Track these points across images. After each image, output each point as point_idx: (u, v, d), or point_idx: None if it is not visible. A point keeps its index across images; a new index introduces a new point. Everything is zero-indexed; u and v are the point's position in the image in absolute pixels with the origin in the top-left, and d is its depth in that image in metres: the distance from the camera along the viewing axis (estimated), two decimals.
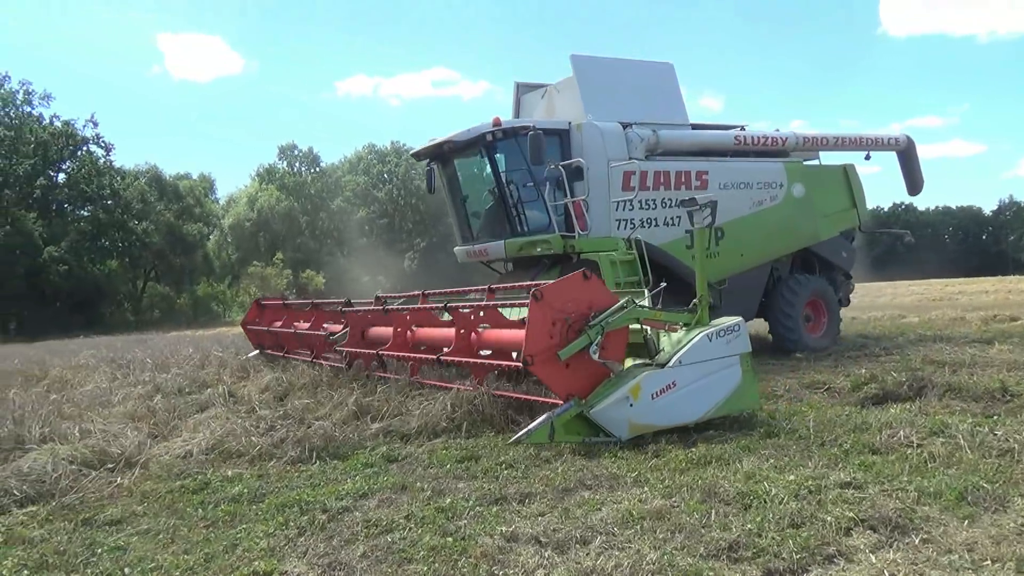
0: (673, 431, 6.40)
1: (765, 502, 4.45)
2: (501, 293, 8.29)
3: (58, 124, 48.80)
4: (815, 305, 13.21)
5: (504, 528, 4.30)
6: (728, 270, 12.09)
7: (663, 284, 7.95)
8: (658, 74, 12.47)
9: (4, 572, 4.04)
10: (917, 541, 3.84)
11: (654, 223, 11.45)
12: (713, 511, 4.38)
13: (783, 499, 4.46)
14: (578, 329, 6.34)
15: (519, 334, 6.68)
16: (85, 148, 50.21)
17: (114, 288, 50.67)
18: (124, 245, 51.14)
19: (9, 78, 47.81)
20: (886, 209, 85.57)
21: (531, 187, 11.00)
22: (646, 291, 9.78)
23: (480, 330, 7.77)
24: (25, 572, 4.05)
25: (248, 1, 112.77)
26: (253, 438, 6.76)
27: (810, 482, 4.74)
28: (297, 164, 72.36)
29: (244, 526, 4.65)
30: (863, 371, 9.02)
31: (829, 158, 14.29)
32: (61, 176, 49.82)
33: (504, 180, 11.12)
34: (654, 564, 3.69)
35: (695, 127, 12.58)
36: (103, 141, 51.01)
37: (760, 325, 13.33)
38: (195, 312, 53.44)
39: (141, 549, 4.33)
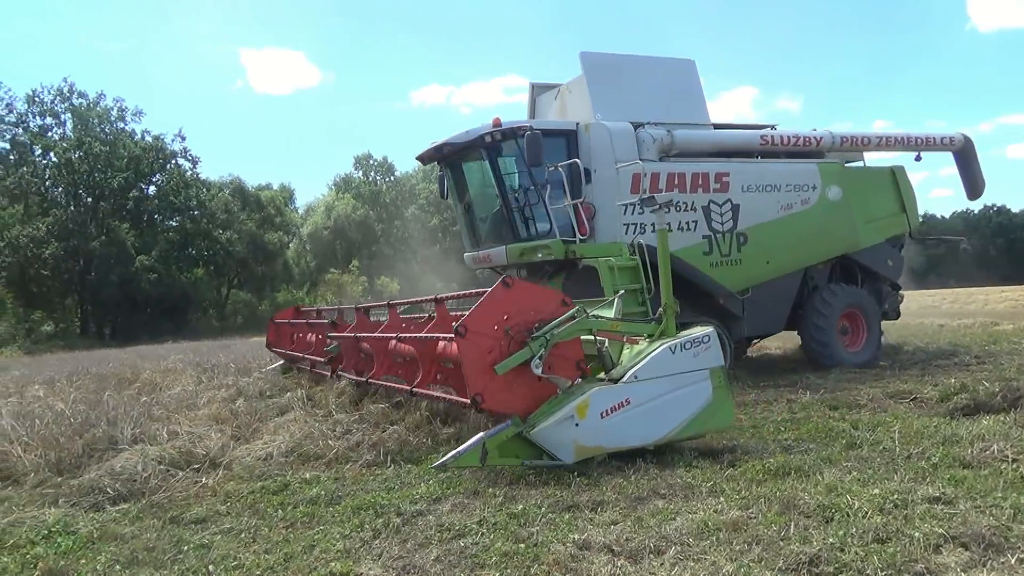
0: (629, 454, 5.87)
1: (848, 516, 4.29)
2: (455, 302, 7.94)
3: (149, 139, 51.03)
4: (853, 317, 12.27)
5: (576, 536, 4.27)
6: (751, 278, 11.36)
7: (621, 292, 7.45)
8: (677, 72, 11.81)
9: (98, 567, 4.24)
10: (1013, 561, 3.64)
11: (666, 228, 10.93)
12: (792, 524, 4.25)
13: (867, 513, 4.30)
14: (521, 341, 5.85)
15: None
16: (174, 161, 52.36)
17: (200, 295, 52.62)
18: (209, 254, 53.12)
19: (104, 96, 50.38)
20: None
21: (533, 190, 10.49)
22: (647, 298, 9.31)
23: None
24: (117, 567, 4.23)
25: (326, 15, 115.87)
26: (330, 441, 6.94)
27: (896, 496, 4.55)
28: (372, 173, 73.82)
29: (321, 527, 4.75)
30: (952, 381, 8.62)
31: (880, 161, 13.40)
32: (152, 188, 52.04)
33: (505, 183, 10.65)
34: None
35: (718, 127, 11.92)
36: (190, 155, 53.13)
37: (794, 337, 12.91)
38: None
39: (224, 547, 4.48)
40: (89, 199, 48.64)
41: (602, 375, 6.17)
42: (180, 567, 4.20)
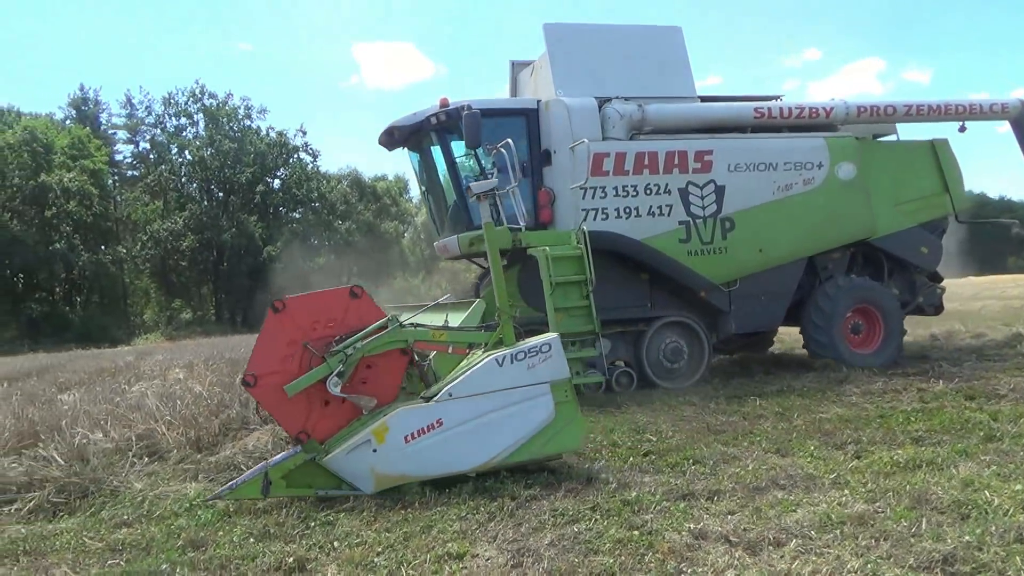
0: (445, 481, 5.23)
1: (986, 513, 4.04)
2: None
3: (273, 135, 53.65)
4: (867, 314, 10.75)
5: (692, 525, 4.21)
6: (739, 269, 10.16)
7: (443, 300, 6.89)
8: (658, 41, 10.64)
9: (233, 538, 4.52)
10: None
11: (634, 213, 9.69)
12: (924, 519, 4.03)
13: (1008, 511, 4.02)
14: (321, 357, 5.23)
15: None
16: (296, 156, 54.85)
17: (321, 284, 55.03)
18: (330, 244, 55.39)
19: (232, 96, 53.30)
20: None
21: (483, 175, 9.62)
22: (590, 291, 8.83)
23: None
24: (251, 539, 4.50)
25: (435, 5, 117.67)
26: None
27: None
28: None
29: (438, 509, 4.88)
30: None
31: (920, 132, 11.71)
32: (276, 182, 54.72)
33: (458, 167, 9.99)
34: (856, 572, 3.47)
35: (706, 100, 10.75)
36: (311, 149, 55.51)
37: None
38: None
39: (347, 525, 4.68)
40: (220, 194, 51.69)
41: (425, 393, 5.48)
42: (308, 542, 4.42)
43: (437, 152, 10.30)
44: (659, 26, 10.79)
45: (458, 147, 9.86)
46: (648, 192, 9.76)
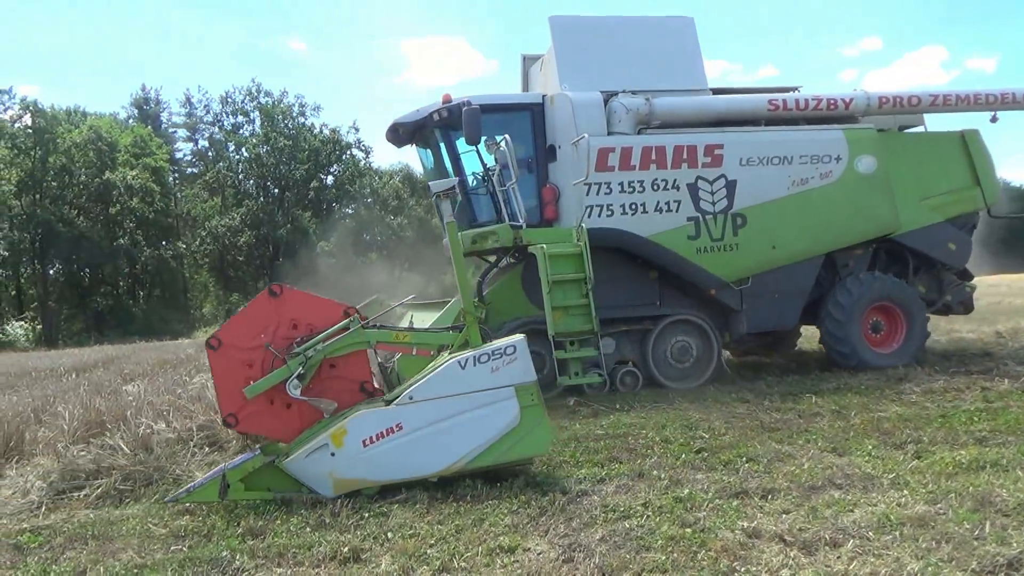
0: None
1: None
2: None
3: (327, 132, 54.50)
4: (888, 312, 10.29)
5: (745, 523, 4.16)
6: (752, 266, 9.84)
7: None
8: (668, 33, 10.37)
9: (291, 528, 4.63)
10: None
11: (641, 209, 9.48)
12: (988, 522, 3.92)
13: None
14: (283, 358, 5.25)
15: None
16: (349, 152, 55.63)
17: (373, 278, 55.75)
18: (382, 239, 56.08)
19: (287, 94, 54.31)
20: None
21: (486, 171, 9.74)
22: (589, 290, 8.71)
23: None
24: (307, 529, 4.60)
25: (488, 1, 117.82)
26: None
27: None
28: None
29: (490, 502, 4.92)
30: None
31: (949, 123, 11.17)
32: (330, 179, 55.58)
33: (462, 164, 9.88)
34: (916, 575, 3.39)
35: (718, 92, 10.45)
36: (363, 145, 56.16)
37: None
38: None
39: (401, 516, 4.75)
40: (276, 190, 52.74)
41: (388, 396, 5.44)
42: (362, 532, 4.50)
43: (442, 149, 10.21)
44: (670, 17, 10.58)
45: (462, 143, 9.77)
46: (655, 188, 9.54)
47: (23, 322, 44.98)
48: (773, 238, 9.88)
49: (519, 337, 5.45)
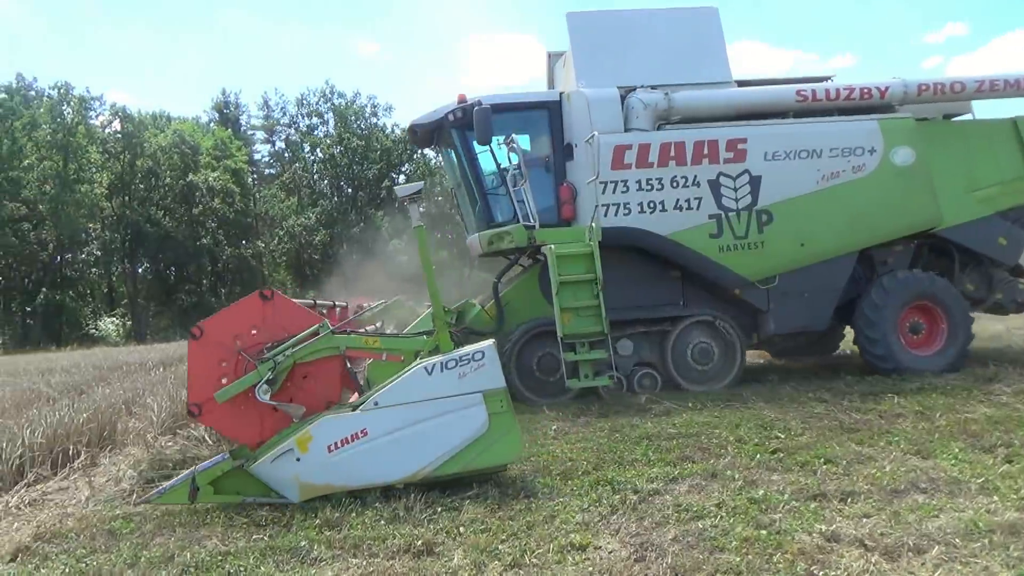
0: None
1: None
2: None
3: (398, 131, 55.38)
4: (928, 312, 9.68)
5: (824, 527, 4.06)
6: (778, 264, 9.47)
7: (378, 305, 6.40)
8: (690, 25, 10.07)
9: (365, 520, 4.73)
10: None
11: (659, 207, 9.21)
12: None
13: None
14: (255, 364, 5.27)
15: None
16: (420, 151, 56.45)
17: (441, 274, 56.50)
18: (452, 237, 56.68)
19: (359, 95, 55.60)
20: None
21: (500, 171, 9.66)
22: (599, 291, 8.48)
23: None
24: (381, 522, 4.69)
25: None
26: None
27: None
28: None
29: (561, 499, 4.93)
30: None
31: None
32: (401, 177, 56.48)
33: (479, 164, 9.83)
34: None
35: (744, 84, 10.05)
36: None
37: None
38: None
39: (472, 511, 4.80)
40: (349, 190, 53.92)
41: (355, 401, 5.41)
42: (435, 526, 4.57)
43: (459, 149, 10.15)
44: (692, 8, 10.25)
45: (473, 144, 9.75)
46: (675, 185, 9.26)
47: (114, 318, 47.32)
48: (801, 235, 9.50)
49: (488, 343, 5.38)
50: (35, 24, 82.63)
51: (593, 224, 8.96)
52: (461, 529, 4.48)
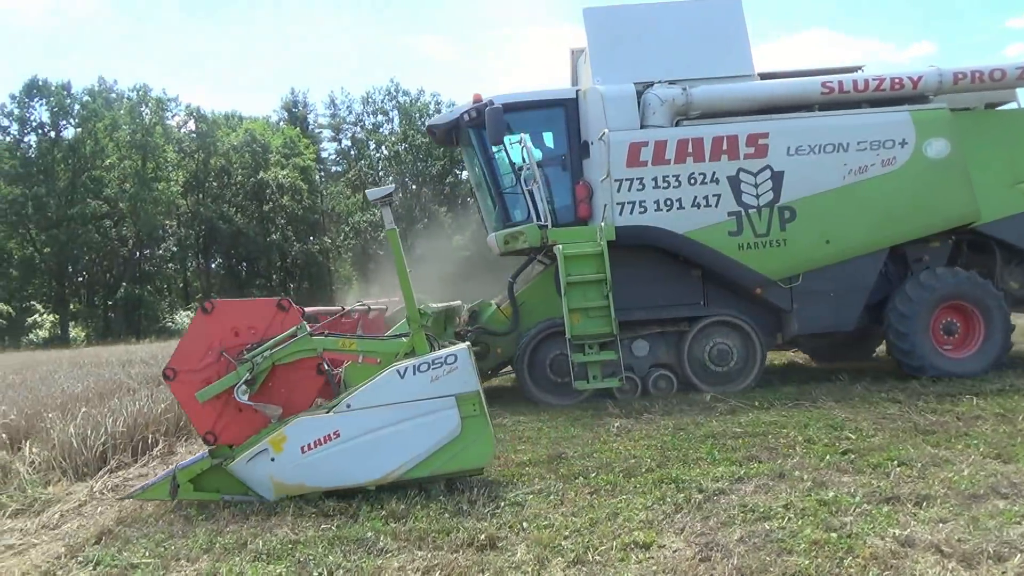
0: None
1: None
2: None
3: None
4: (964, 312, 9.19)
5: (897, 531, 3.94)
6: (801, 263, 9.13)
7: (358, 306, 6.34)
8: (711, 17, 9.74)
9: (430, 513, 4.80)
10: None
11: (677, 205, 8.96)
12: None
13: None
14: (235, 365, 5.31)
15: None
16: None
17: (504, 270, 56.73)
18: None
19: (423, 92, 56.15)
20: None
21: (514, 171, 9.59)
22: (609, 292, 8.33)
23: None
24: (446, 515, 4.76)
25: None
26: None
27: None
28: None
29: (624, 497, 4.91)
30: None
31: None
32: (464, 174, 56.90)
33: (496, 164, 9.79)
34: None
35: (767, 77, 9.66)
36: None
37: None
38: None
39: (536, 507, 4.82)
40: (413, 186, 54.56)
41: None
42: (498, 521, 4.60)
43: (476, 149, 10.06)
44: (713, 0, 9.92)
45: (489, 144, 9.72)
46: (692, 182, 9.00)
47: (189, 312, 48.94)
48: (826, 232, 9.13)
49: (462, 346, 5.39)
50: (115, 28, 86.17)
51: (603, 223, 8.85)
52: (524, 524, 4.51)
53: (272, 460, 5.14)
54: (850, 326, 9.50)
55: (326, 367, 5.58)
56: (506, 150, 9.70)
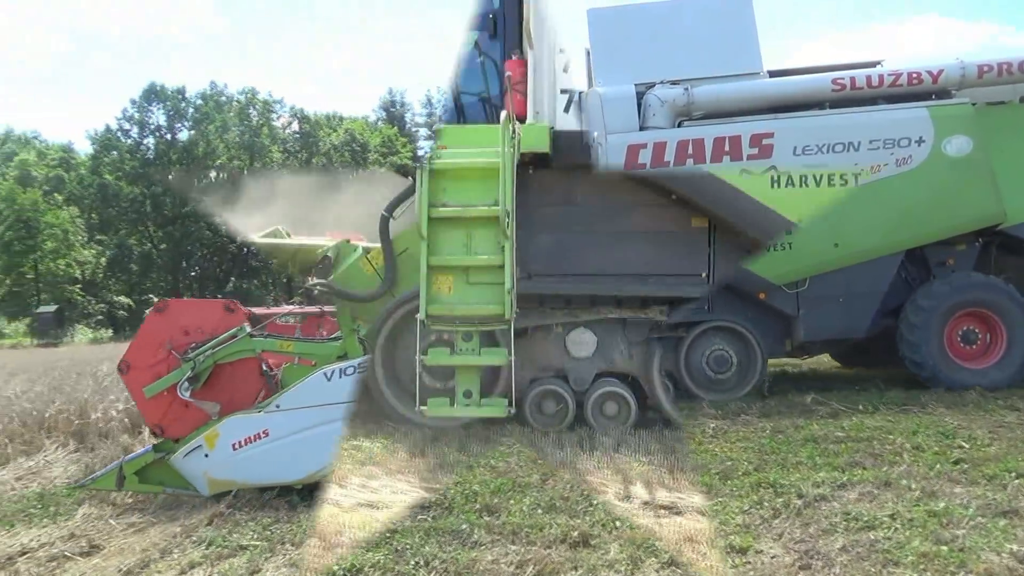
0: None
1: None
2: None
3: None
4: (985, 320, 8.53)
5: (1015, 547, 3.73)
6: (809, 266, 8.54)
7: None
8: (718, 15, 9.15)
9: (523, 508, 4.84)
10: None
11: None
12: None
13: None
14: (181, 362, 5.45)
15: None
16: None
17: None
18: None
19: None
20: None
21: None
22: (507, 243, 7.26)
23: None
24: (538, 511, 4.79)
25: None
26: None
27: None
28: None
29: (720, 499, 4.83)
30: None
31: None
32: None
33: None
34: None
35: (776, 75, 8.91)
36: None
37: None
38: None
39: (627, 506, 4.79)
40: None
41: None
42: (591, 518, 4.60)
43: None
44: None
45: None
46: None
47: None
48: (835, 235, 8.53)
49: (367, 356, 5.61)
50: (226, 36, 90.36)
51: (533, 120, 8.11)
52: (617, 523, 4.50)
53: (206, 456, 5.34)
54: (861, 333, 8.94)
55: (264, 367, 5.81)
56: None
